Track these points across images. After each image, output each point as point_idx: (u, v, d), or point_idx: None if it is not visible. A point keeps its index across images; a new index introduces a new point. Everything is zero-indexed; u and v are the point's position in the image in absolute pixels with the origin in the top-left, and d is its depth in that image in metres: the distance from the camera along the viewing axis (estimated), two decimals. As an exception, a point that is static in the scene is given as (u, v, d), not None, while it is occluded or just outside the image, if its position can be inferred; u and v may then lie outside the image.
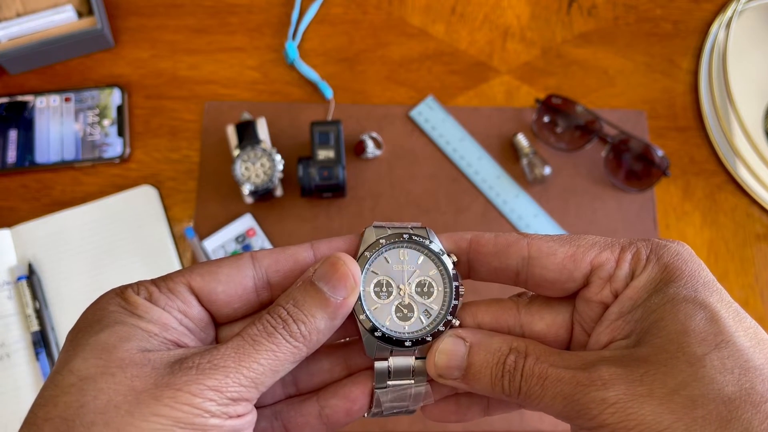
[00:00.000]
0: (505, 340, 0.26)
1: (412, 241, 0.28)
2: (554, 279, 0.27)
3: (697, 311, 0.23)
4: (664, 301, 0.24)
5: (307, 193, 0.64)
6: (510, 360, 0.25)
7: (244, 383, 0.23)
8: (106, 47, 0.71)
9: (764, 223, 0.68)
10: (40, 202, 0.66)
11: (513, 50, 0.73)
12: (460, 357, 0.26)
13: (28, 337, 0.61)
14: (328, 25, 0.73)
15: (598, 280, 0.26)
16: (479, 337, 0.27)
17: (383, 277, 0.28)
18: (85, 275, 0.63)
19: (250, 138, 0.63)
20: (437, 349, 0.27)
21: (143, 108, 0.70)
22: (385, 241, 0.28)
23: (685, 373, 0.22)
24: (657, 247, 0.26)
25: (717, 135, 0.69)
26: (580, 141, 0.68)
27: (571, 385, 0.23)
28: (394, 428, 0.60)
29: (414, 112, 0.70)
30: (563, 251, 0.27)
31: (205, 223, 0.65)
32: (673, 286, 0.25)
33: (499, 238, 0.28)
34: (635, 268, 0.26)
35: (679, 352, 0.22)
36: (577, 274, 0.27)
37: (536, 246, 0.27)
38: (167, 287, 0.25)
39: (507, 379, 0.25)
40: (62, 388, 0.22)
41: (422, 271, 0.28)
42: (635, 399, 0.22)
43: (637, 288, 0.25)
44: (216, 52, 0.72)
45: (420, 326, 0.28)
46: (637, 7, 0.75)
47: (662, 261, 0.26)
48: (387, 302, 0.28)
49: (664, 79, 0.72)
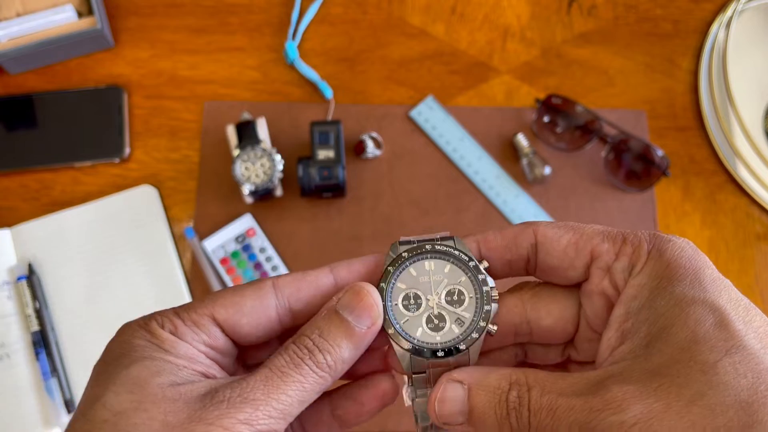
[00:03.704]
0: (503, 376, 0.25)
1: (435, 251, 0.28)
2: (557, 266, 0.27)
3: (706, 315, 0.23)
4: (672, 304, 0.24)
5: (307, 193, 0.64)
6: (512, 396, 0.24)
7: (273, 415, 0.23)
8: (105, 47, 0.71)
9: (764, 223, 0.68)
10: (39, 201, 0.66)
11: (513, 50, 0.73)
12: (460, 402, 0.25)
13: (27, 337, 0.60)
14: (328, 25, 0.73)
15: (597, 270, 0.26)
16: (476, 376, 0.26)
17: (410, 290, 0.28)
18: (84, 275, 0.63)
19: (250, 138, 0.63)
20: (435, 398, 0.26)
21: (143, 108, 0.69)
22: (407, 254, 0.28)
23: (699, 383, 0.21)
24: (660, 242, 0.25)
25: (717, 135, 0.69)
26: (580, 141, 0.68)
27: (584, 412, 0.22)
28: (395, 428, 0.60)
29: (414, 112, 0.70)
30: (567, 238, 0.27)
31: (205, 223, 0.65)
32: (679, 285, 0.24)
33: (505, 231, 0.28)
34: (635, 262, 0.25)
35: (691, 361, 0.22)
36: (578, 262, 0.26)
37: (542, 232, 0.27)
38: (191, 320, 0.26)
39: (513, 416, 0.24)
40: (95, 423, 0.22)
41: (450, 279, 0.28)
42: (654, 417, 0.21)
43: (639, 286, 0.25)
44: (216, 52, 0.72)
45: (453, 335, 0.27)
46: (637, 7, 0.75)
47: (665, 257, 0.25)
48: (417, 314, 0.27)
49: (664, 79, 0.72)
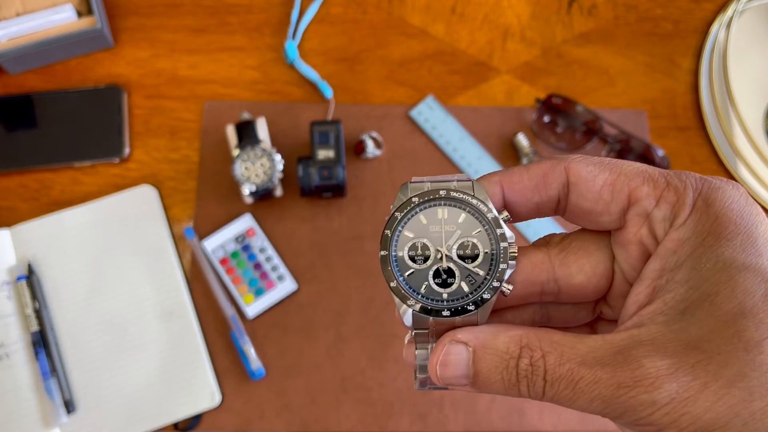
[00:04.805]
0: (513, 338, 0.23)
1: (450, 198, 0.25)
2: (590, 209, 0.24)
3: (756, 285, 0.21)
4: (718, 267, 0.21)
5: (307, 193, 0.64)
6: (524, 363, 0.22)
7: None
8: (105, 47, 0.71)
9: (765, 223, 0.67)
10: (39, 201, 0.66)
11: (513, 50, 0.73)
12: (464, 365, 0.23)
13: (27, 337, 0.60)
14: (328, 24, 0.73)
15: (634, 217, 0.23)
16: (483, 337, 0.23)
17: (419, 240, 0.25)
18: (84, 275, 0.63)
19: (249, 138, 0.63)
20: (437, 360, 0.24)
21: (143, 108, 0.69)
22: (418, 199, 0.25)
23: (741, 362, 0.20)
24: (708, 190, 0.22)
25: (717, 135, 0.69)
26: (581, 141, 0.68)
27: (611, 387, 0.20)
28: (395, 428, 0.60)
29: (414, 111, 0.70)
30: (603, 177, 0.23)
31: (205, 223, 0.65)
32: (729, 246, 0.21)
33: (532, 169, 0.25)
34: (678, 211, 0.22)
35: (734, 337, 0.20)
36: (614, 206, 0.23)
37: (575, 170, 0.24)
38: None
39: (525, 384, 0.22)
40: None
41: (464, 230, 0.24)
42: (689, 397, 0.20)
43: (680, 240, 0.22)
44: (215, 52, 0.72)
45: (462, 293, 0.24)
46: (637, 7, 0.75)
47: (713, 209, 0.22)
48: (424, 267, 0.25)
49: (664, 79, 0.72)
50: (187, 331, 0.62)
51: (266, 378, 0.61)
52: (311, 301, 0.64)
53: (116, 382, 0.60)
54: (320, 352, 0.62)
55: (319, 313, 0.63)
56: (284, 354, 0.62)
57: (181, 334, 0.62)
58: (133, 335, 0.62)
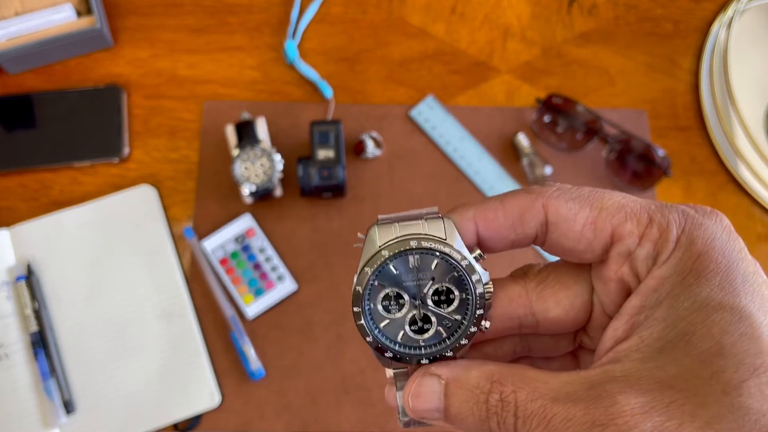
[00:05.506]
0: (485, 373, 0.22)
1: (421, 248, 0.24)
2: (572, 248, 0.24)
3: (734, 325, 0.20)
4: (695, 307, 0.21)
5: (307, 193, 0.64)
6: (493, 399, 0.22)
7: None
8: (105, 47, 0.71)
9: (765, 223, 0.67)
10: (38, 201, 0.66)
11: (513, 50, 0.73)
12: (435, 398, 0.23)
13: (26, 337, 0.60)
14: (328, 24, 0.73)
15: (616, 256, 0.23)
16: (456, 371, 0.23)
17: (392, 290, 0.24)
18: (83, 275, 0.63)
19: (249, 138, 0.63)
20: (409, 391, 0.24)
21: (142, 108, 0.69)
22: (388, 252, 0.24)
23: (719, 404, 0.19)
24: (691, 227, 0.22)
25: (718, 135, 0.69)
26: (581, 141, 0.68)
27: (585, 425, 0.20)
28: (395, 428, 0.60)
29: (414, 111, 0.70)
30: (584, 215, 0.23)
31: (205, 223, 0.65)
32: (707, 286, 0.21)
33: (508, 205, 0.24)
34: (661, 249, 0.22)
35: (713, 379, 0.20)
36: (596, 244, 0.23)
37: (554, 208, 0.23)
38: None
39: (494, 420, 0.22)
40: None
41: (438, 277, 0.24)
42: None
43: (661, 278, 0.22)
44: (215, 52, 0.72)
45: (439, 338, 0.24)
46: (637, 7, 0.75)
47: (695, 248, 0.22)
48: (399, 316, 0.24)
49: (664, 79, 0.72)
50: (187, 332, 0.62)
51: (266, 378, 0.61)
52: (311, 302, 0.64)
53: (116, 382, 0.60)
54: (320, 352, 0.62)
55: (319, 313, 0.63)
56: (284, 354, 0.62)
57: (181, 335, 0.62)
58: (132, 335, 0.62)
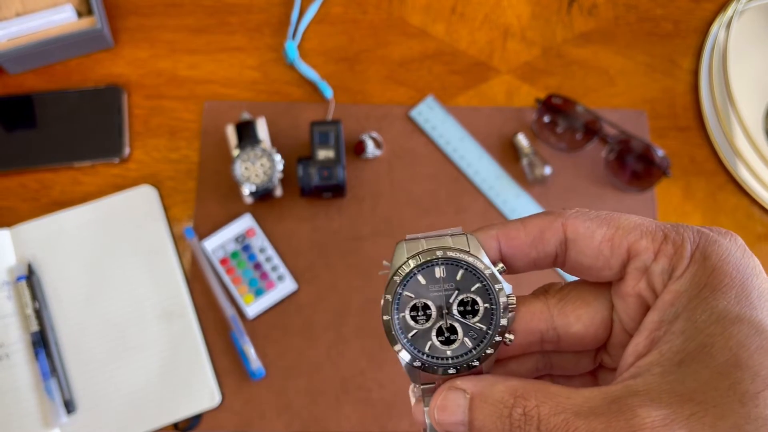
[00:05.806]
0: (509, 388, 0.23)
1: (447, 257, 0.25)
2: (590, 265, 0.25)
3: (750, 337, 0.21)
4: (713, 319, 0.21)
5: (307, 193, 0.64)
6: (517, 413, 0.22)
7: None
8: (105, 47, 0.71)
9: (765, 223, 0.67)
10: (39, 202, 0.66)
11: (513, 50, 0.73)
12: (460, 411, 0.24)
13: (27, 337, 0.60)
14: (328, 24, 0.73)
15: (633, 271, 0.24)
16: (480, 386, 0.24)
17: (419, 300, 0.26)
18: (84, 275, 0.63)
19: (249, 138, 0.63)
20: (435, 404, 0.25)
21: (142, 108, 0.69)
22: (415, 262, 0.25)
23: (737, 415, 0.20)
24: (705, 243, 0.23)
25: (717, 135, 0.69)
26: (581, 141, 0.68)
27: None
28: (395, 429, 0.60)
29: (414, 112, 0.70)
30: (601, 233, 0.24)
31: (205, 223, 0.65)
32: (723, 299, 0.22)
33: (529, 224, 0.25)
34: (676, 264, 0.23)
35: (730, 390, 0.20)
36: (613, 261, 0.24)
37: (573, 227, 0.24)
38: None
39: None
40: None
41: (463, 288, 0.25)
42: None
43: (678, 292, 0.23)
44: (215, 52, 0.72)
45: (465, 349, 0.25)
46: (637, 7, 0.75)
47: (709, 262, 0.22)
48: (427, 326, 0.25)
49: (664, 79, 0.72)
50: (187, 332, 0.62)
51: (266, 378, 0.61)
52: (311, 302, 0.64)
53: (116, 382, 0.60)
54: (320, 352, 0.62)
55: (319, 313, 0.63)
56: (284, 354, 0.62)
57: (181, 334, 0.62)
58: (132, 335, 0.62)
